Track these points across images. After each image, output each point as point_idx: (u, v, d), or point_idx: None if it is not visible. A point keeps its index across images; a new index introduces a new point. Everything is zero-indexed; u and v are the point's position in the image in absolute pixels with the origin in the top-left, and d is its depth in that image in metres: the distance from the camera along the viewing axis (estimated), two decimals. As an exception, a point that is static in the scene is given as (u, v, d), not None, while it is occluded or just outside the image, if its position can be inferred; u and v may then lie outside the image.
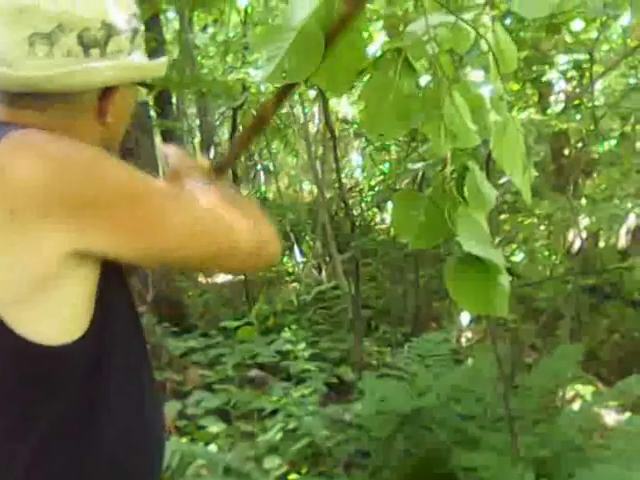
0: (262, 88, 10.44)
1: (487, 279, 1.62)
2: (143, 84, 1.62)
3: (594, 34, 5.84)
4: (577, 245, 7.84)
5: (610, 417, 5.03)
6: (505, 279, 1.64)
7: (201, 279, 11.07)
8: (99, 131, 1.51)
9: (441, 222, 1.73)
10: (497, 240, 6.97)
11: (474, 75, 2.14)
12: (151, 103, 10.41)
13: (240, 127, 13.18)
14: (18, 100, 1.43)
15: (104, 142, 1.52)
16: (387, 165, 10.97)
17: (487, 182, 1.75)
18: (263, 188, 16.95)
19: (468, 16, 1.81)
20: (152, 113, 10.27)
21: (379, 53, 1.79)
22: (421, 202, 1.83)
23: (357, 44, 1.69)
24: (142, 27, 1.54)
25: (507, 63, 1.81)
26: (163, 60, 1.57)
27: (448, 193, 1.73)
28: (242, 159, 16.16)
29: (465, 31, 1.81)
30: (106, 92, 1.47)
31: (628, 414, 5.06)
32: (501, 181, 5.34)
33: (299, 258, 10.82)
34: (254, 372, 6.49)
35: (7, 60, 1.38)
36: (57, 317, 1.35)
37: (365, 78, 1.76)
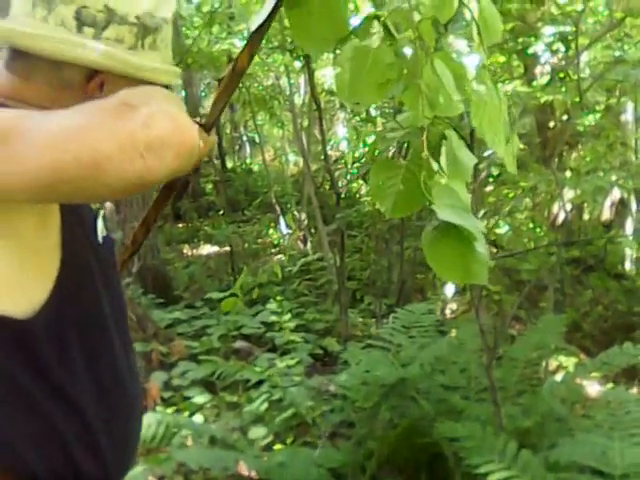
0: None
1: (464, 247, 1.62)
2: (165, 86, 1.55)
3: (580, 6, 5.82)
4: (561, 217, 7.87)
5: (593, 388, 5.08)
6: (482, 246, 1.63)
7: (186, 251, 11.08)
8: None
9: (417, 191, 1.73)
10: (482, 212, 6.98)
11: (457, 45, 2.14)
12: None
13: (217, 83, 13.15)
14: (10, 63, 1.45)
15: None
16: (373, 137, 10.95)
17: (467, 151, 1.74)
18: (249, 160, 16.93)
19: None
20: (137, 84, 10.21)
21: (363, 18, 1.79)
22: (398, 171, 1.83)
23: (336, 6, 1.68)
24: (167, 32, 1.53)
25: (491, 34, 1.80)
26: (173, 69, 1.56)
27: (425, 162, 1.73)
28: (227, 131, 16.12)
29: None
30: (93, 73, 1.45)
31: (610, 385, 5.12)
32: (486, 153, 5.34)
33: (284, 230, 10.82)
34: (239, 343, 6.52)
35: (12, 15, 1.44)
36: None
37: (344, 44, 1.75)
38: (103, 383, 1.51)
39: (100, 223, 1.64)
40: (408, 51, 1.79)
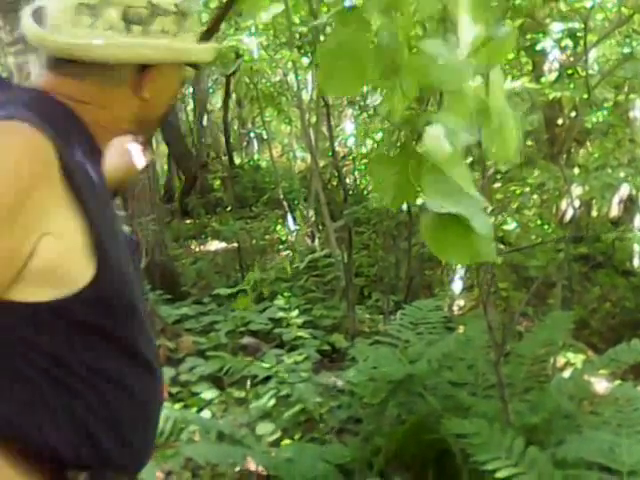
0: (255, 55, 10.38)
1: (464, 228, 1.62)
2: (193, 66, 1.66)
3: (589, 2, 5.81)
4: (569, 214, 7.86)
5: (600, 385, 5.07)
6: (482, 225, 1.63)
7: (194, 247, 11.09)
8: (136, 105, 1.55)
9: (410, 181, 1.73)
10: (489, 209, 6.97)
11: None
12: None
13: (233, 95, 13.14)
14: (60, 66, 1.49)
15: (140, 116, 1.58)
16: (380, 133, 10.94)
17: (455, 132, 1.72)
18: (256, 156, 16.93)
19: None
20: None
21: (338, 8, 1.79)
22: (395, 163, 1.84)
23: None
24: (196, 12, 1.59)
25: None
26: (211, 45, 1.62)
27: (410, 152, 1.74)
28: (235, 127, 16.12)
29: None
30: (145, 68, 1.51)
31: (618, 382, 5.11)
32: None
33: (292, 226, 10.81)
34: (247, 339, 6.52)
35: (54, 25, 1.46)
36: None
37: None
38: (139, 366, 1.55)
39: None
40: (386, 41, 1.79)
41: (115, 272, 1.45)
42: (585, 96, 5.64)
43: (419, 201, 2.17)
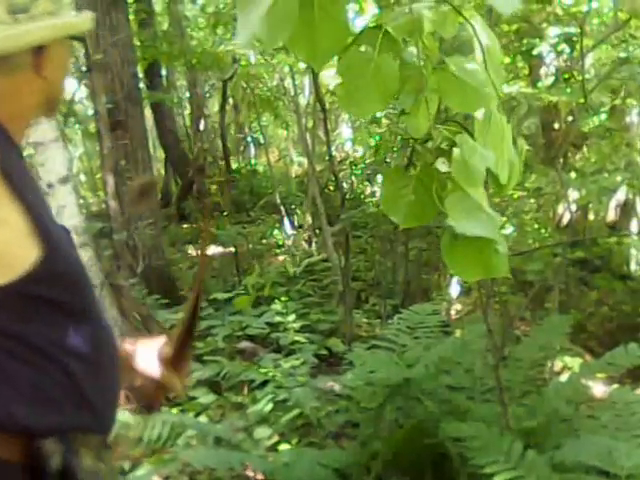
0: (252, 60, 10.40)
1: (484, 247, 1.63)
2: (76, 38, 1.76)
3: (585, 7, 5.82)
4: (566, 218, 7.87)
5: (598, 389, 5.07)
6: (502, 245, 1.64)
7: (191, 251, 11.08)
8: (40, 87, 1.64)
9: (430, 201, 1.72)
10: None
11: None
12: (141, 75, 10.37)
13: (230, 99, 13.13)
14: None
15: (46, 97, 1.68)
16: (377, 138, 10.95)
17: (480, 154, 1.72)
18: (253, 161, 16.93)
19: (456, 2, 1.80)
20: (142, 85, 10.22)
21: (364, 26, 1.78)
22: (409, 181, 1.83)
23: (337, 15, 1.67)
24: None
25: (492, 55, 1.80)
26: (87, 15, 1.70)
27: (435, 171, 1.73)
28: (232, 132, 16.13)
29: (451, 15, 1.79)
30: (40, 50, 1.60)
31: (615, 386, 5.11)
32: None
33: (289, 230, 10.82)
34: (244, 344, 6.51)
35: None
36: None
37: (345, 53, 1.74)
38: (94, 339, 1.64)
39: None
40: (411, 60, 1.78)
41: (61, 249, 1.55)
42: (582, 100, 5.65)
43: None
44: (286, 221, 10.81)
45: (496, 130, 1.76)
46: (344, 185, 10.70)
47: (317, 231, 10.01)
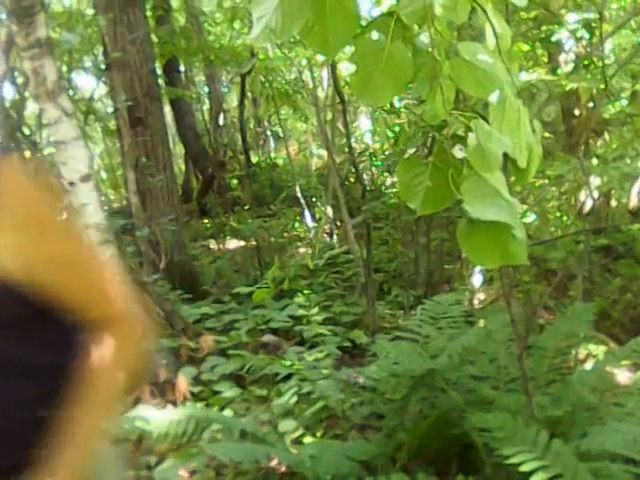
0: (270, 54, 10.39)
1: (501, 231, 1.62)
2: None
3: (604, -8, 5.78)
4: (589, 205, 7.82)
5: (623, 376, 5.05)
6: (520, 230, 1.63)
7: (213, 246, 11.12)
8: None
9: (446, 187, 1.72)
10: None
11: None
12: (159, 72, 10.39)
13: (249, 94, 13.12)
14: None
15: None
16: (397, 128, 10.92)
17: (496, 138, 1.71)
18: (273, 154, 16.93)
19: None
20: (161, 82, 10.24)
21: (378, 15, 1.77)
22: (425, 168, 1.83)
23: (349, 5, 1.66)
24: None
25: (502, 41, 1.79)
26: None
27: (451, 157, 1.72)
28: (251, 126, 16.14)
29: (462, 1, 1.78)
30: None
31: (640, 372, 5.08)
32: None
33: (310, 223, 10.82)
34: (268, 337, 6.53)
35: None
36: None
37: (358, 41, 1.73)
38: None
39: None
40: (424, 46, 1.78)
41: None
42: (602, 86, 5.61)
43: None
44: (307, 214, 10.81)
45: (512, 114, 1.76)
46: (364, 177, 10.70)
47: (338, 223, 10.01)
